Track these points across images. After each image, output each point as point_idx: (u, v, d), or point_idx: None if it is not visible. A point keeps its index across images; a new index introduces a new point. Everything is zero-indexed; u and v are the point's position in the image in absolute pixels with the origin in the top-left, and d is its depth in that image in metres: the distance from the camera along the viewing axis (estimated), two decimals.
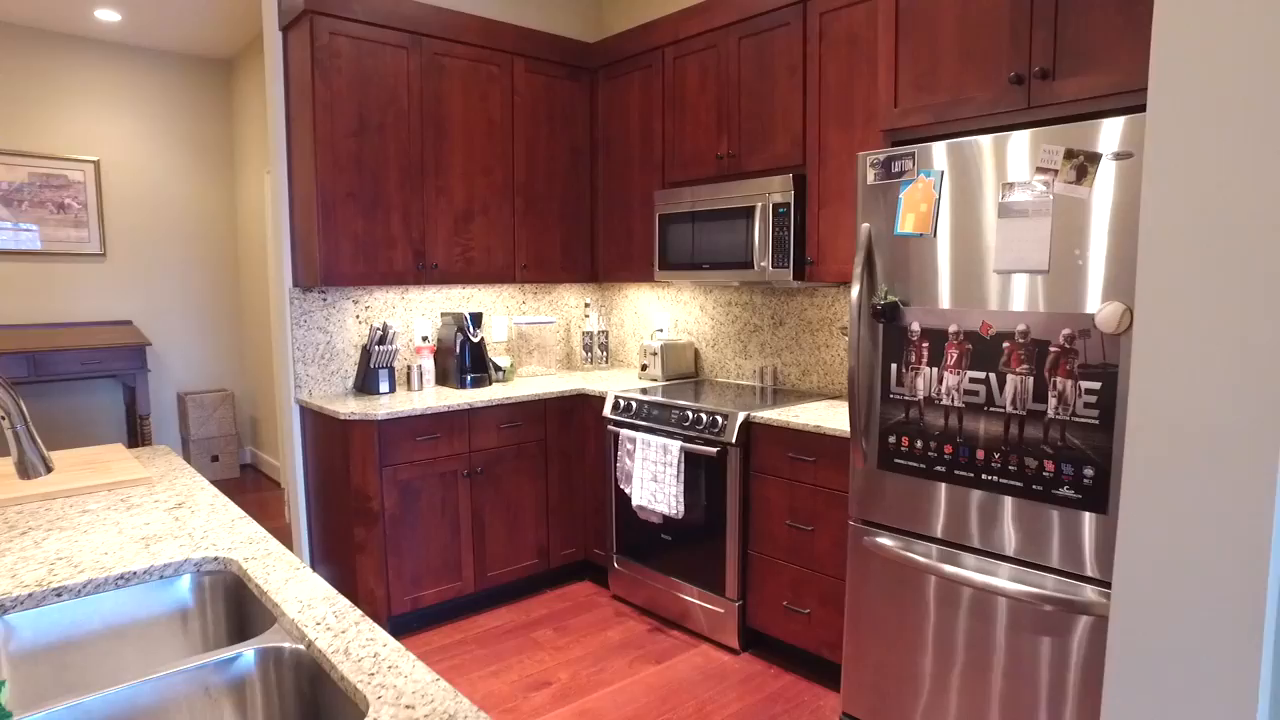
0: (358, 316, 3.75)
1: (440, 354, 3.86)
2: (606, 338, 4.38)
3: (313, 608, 1.28)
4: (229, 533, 1.63)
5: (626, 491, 3.39)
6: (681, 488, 3.13)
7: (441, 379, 3.85)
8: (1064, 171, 1.99)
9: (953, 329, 2.23)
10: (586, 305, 4.44)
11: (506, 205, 3.84)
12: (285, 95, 3.51)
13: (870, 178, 2.40)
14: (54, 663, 1.34)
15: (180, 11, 4.79)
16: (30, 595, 1.32)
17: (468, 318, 3.75)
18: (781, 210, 3.09)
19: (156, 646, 1.44)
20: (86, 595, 1.37)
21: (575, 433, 3.78)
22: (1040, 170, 2.04)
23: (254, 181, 5.62)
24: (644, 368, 3.93)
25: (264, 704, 1.19)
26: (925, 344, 2.29)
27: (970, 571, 2.24)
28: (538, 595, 3.71)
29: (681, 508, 3.14)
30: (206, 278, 5.98)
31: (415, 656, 1.12)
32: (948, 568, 2.28)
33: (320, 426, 3.44)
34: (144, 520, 1.71)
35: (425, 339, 3.95)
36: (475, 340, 3.78)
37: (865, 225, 2.43)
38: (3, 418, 1.01)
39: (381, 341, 3.60)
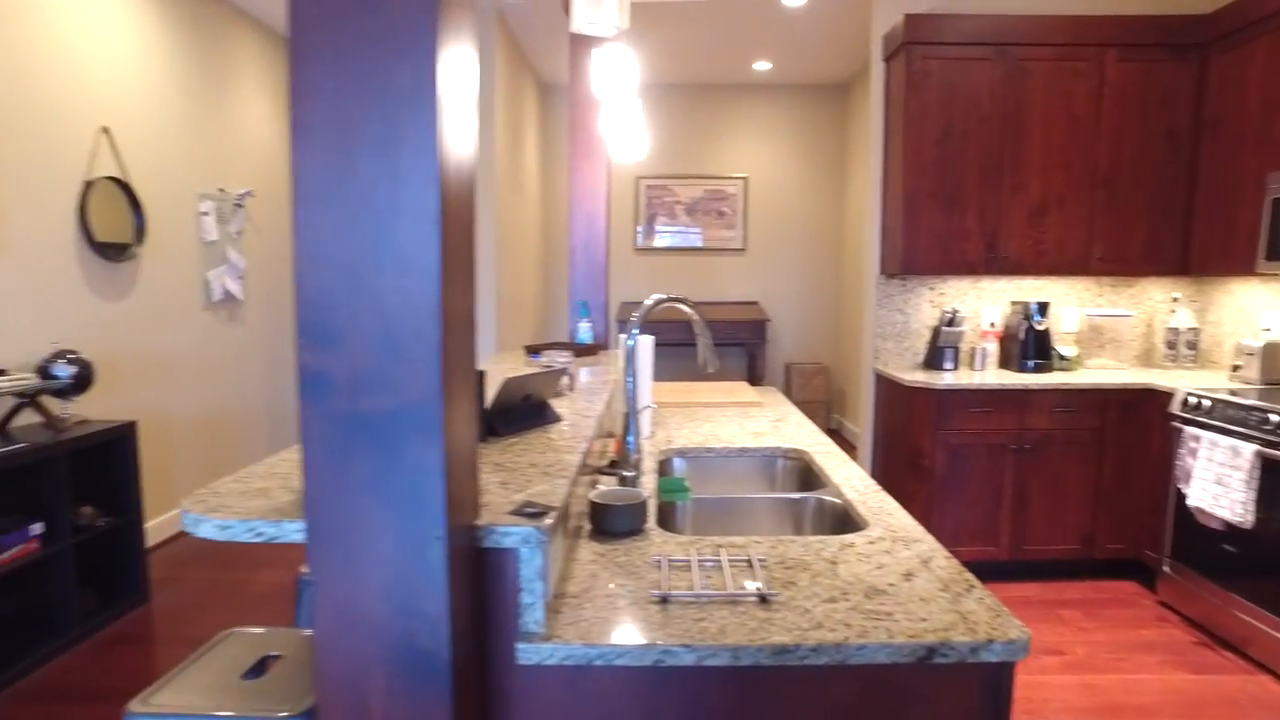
0: (931, 301, 4.28)
1: (1005, 339, 4.15)
2: (1196, 335, 4.03)
3: (849, 482, 1.91)
4: (807, 439, 2.38)
5: (1184, 491, 3.23)
6: (1252, 495, 2.88)
7: (1003, 362, 4.13)
8: None
9: None
10: (1175, 300, 4.15)
11: (1083, 198, 3.90)
12: (884, 113, 4.22)
13: None
14: (702, 481, 2.26)
15: (814, 52, 5.96)
16: (694, 448, 2.26)
17: (1034, 307, 3.96)
18: None
19: (755, 485, 2.26)
20: (722, 456, 2.25)
21: (1137, 428, 3.68)
22: None
23: (859, 186, 6.57)
24: (1235, 368, 3.57)
25: (812, 521, 1.87)
26: None
27: None
28: (1073, 580, 3.76)
29: (1250, 517, 2.90)
30: (815, 268, 7.21)
31: (905, 511, 1.66)
32: None
33: (889, 391, 4.10)
34: (756, 425, 2.58)
35: (992, 324, 4.27)
36: (1040, 328, 3.97)
37: None
38: (700, 333, 1.88)
39: (950, 324, 4.07)
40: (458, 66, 0.90)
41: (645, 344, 2.19)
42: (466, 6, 0.91)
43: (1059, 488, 3.72)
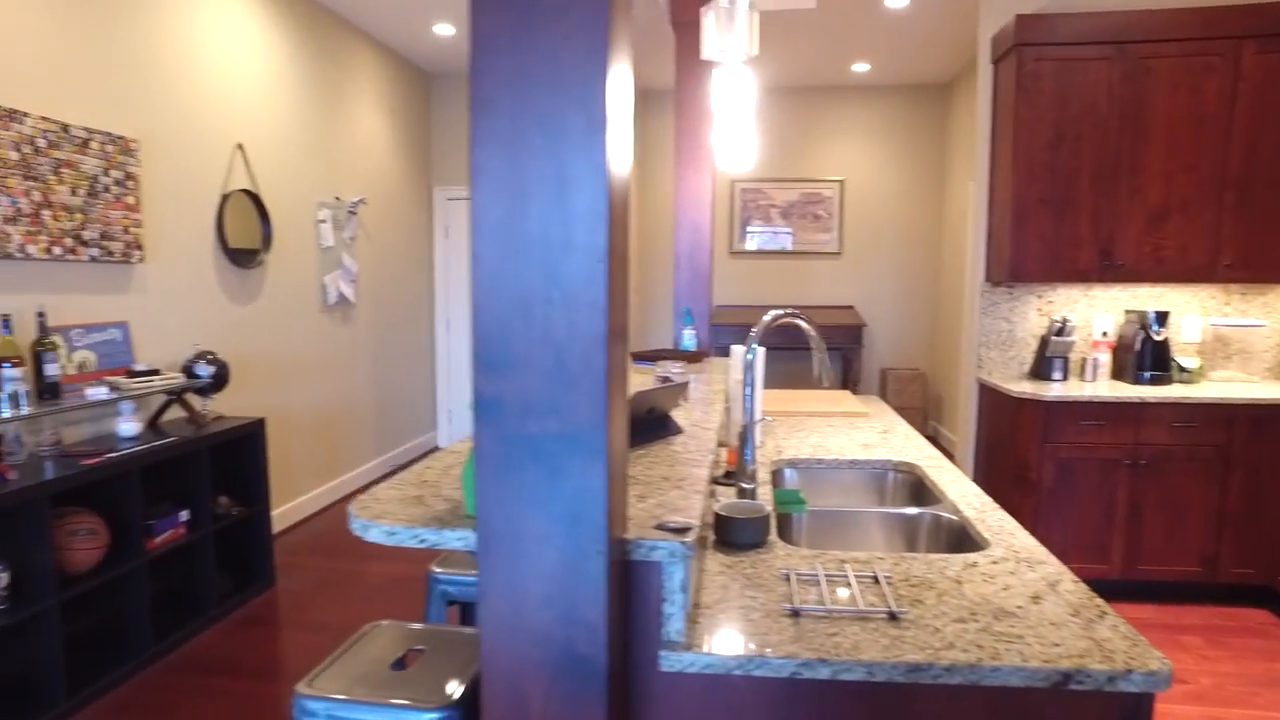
0: (1039, 310, 4.15)
1: (1118, 350, 3.98)
2: None
3: (965, 498, 1.90)
4: (916, 452, 2.36)
5: None
6: None
7: (1116, 373, 3.97)
8: None
9: None
10: None
11: (1210, 201, 3.71)
12: (991, 116, 4.12)
13: None
14: (812, 492, 2.28)
15: (915, 53, 5.84)
16: (805, 459, 2.27)
17: (1152, 316, 3.79)
18: None
19: (865, 498, 2.27)
20: (832, 467, 2.26)
21: (1270, 445, 3.47)
22: None
23: (959, 190, 6.40)
24: None
25: (928, 537, 1.87)
26: None
27: None
28: (1194, 605, 3.58)
29: None
30: (912, 272, 7.06)
31: (1028, 533, 1.64)
32: None
33: (993, 401, 3.99)
34: (864, 436, 2.58)
35: (1104, 334, 4.11)
36: (1158, 338, 3.80)
37: None
38: (816, 348, 1.90)
39: (1059, 333, 3.94)
40: (621, 106, 0.96)
41: (759, 355, 2.22)
42: (626, 45, 0.96)
43: (1178, 506, 3.55)
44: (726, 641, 1.14)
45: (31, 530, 2.52)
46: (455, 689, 1.39)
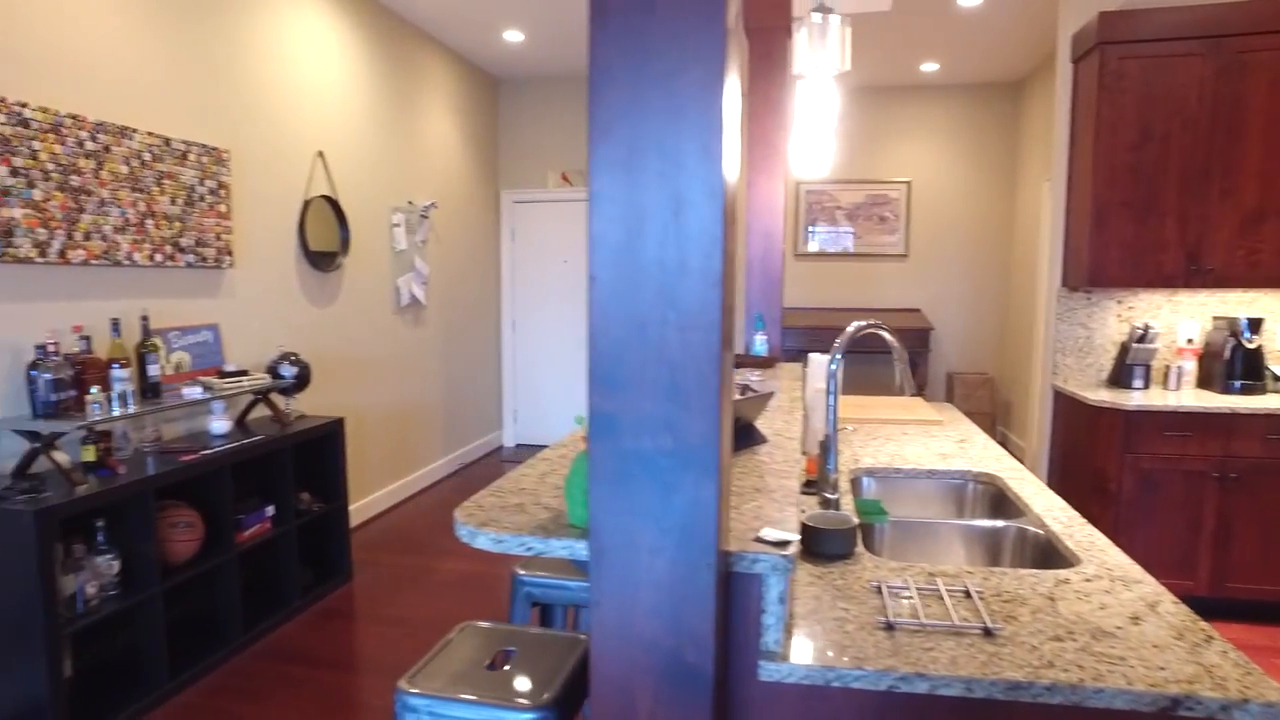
0: (1119, 315, 4.03)
1: (1205, 358, 3.84)
2: None
3: (1050, 511, 1.87)
4: (996, 462, 2.33)
5: None
6: None
7: (1203, 382, 3.83)
8: None
9: None
10: None
11: None
12: (1070, 116, 4.01)
13: None
14: (890, 501, 2.27)
15: (986, 51, 5.71)
16: (882, 468, 2.27)
17: (1244, 323, 3.65)
18: None
19: (943, 508, 2.25)
20: (909, 477, 2.25)
21: None
22: None
23: (1031, 190, 6.24)
24: None
25: (1012, 551, 1.85)
26: None
27: None
28: None
29: None
30: (980, 275, 6.91)
31: (1119, 550, 1.62)
32: None
33: (1069, 409, 3.89)
34: (940, 445, 2.55)
35: (1190, 341, 3.96)
36: (1250, 346, 3.65)
37: None
38: (898, 359, 1.90)
39: (1141, 340, 3.82)
40: (732, 132, 0.99)
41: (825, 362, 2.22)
42: (736, 72, 0.99)
43: (1272, 522, 3.41)
44: (823, 652, 1.16)
45: (139, 522, 2.67)
46: (549, 690, 1.43)
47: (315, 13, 4.22)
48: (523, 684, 1.46)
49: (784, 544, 1.13)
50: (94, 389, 2.65)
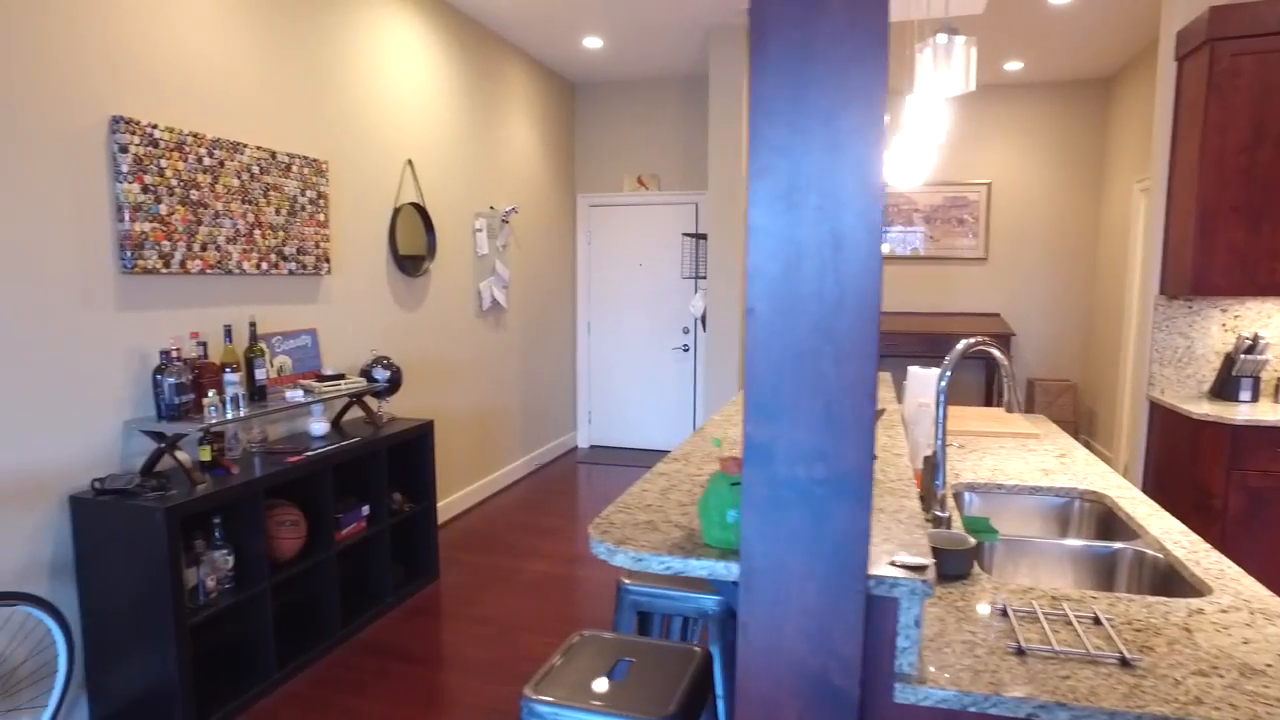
0: (1224, 325, 3.87)
1: None
2: None
3: (1169, 534, 1.82)
4: (1101, 479, 2.28)
5: None
6: None
7: None
8: None
9: None
10: None
11: None
12: (1173, 117, 3.86)
13: None
14: (994, 517, 2.23)
15: (1073, 48, 5.54)
16: (984, 484, 2.23)
17: None
18: None
19: (1047, 526, 2.20)
20: (1011, 493, 2.21)
21: None
22: None
23: (1121, 193, 6.02)
24: None
25: (1128, 575, 1.80)
26: None
27: None
28: None
29: None
30: (1063, 279, 6.70)
31: (1254, 579, 1.56)
32: None
33: (1167, 422, 3.76)
34: (1040, 460, 2.50)
35: None
36: None
37: None
38: (1007, 376, 1.88)
39: (1250, 351, 3.66)
40: (885, 169, 1.00)
41: (932, 378, 2.20)
42: (886, 98, 1.00)
43: None
44: (958, 676, 1.16)
45: (251, 520, 2.80)
46: (672, 701, 1.46)
47: (405, 26, 4.35)
48: (645, 693, 1.50)
49: (920, 568, 1.13)
50: (210, 392, 2.79)
